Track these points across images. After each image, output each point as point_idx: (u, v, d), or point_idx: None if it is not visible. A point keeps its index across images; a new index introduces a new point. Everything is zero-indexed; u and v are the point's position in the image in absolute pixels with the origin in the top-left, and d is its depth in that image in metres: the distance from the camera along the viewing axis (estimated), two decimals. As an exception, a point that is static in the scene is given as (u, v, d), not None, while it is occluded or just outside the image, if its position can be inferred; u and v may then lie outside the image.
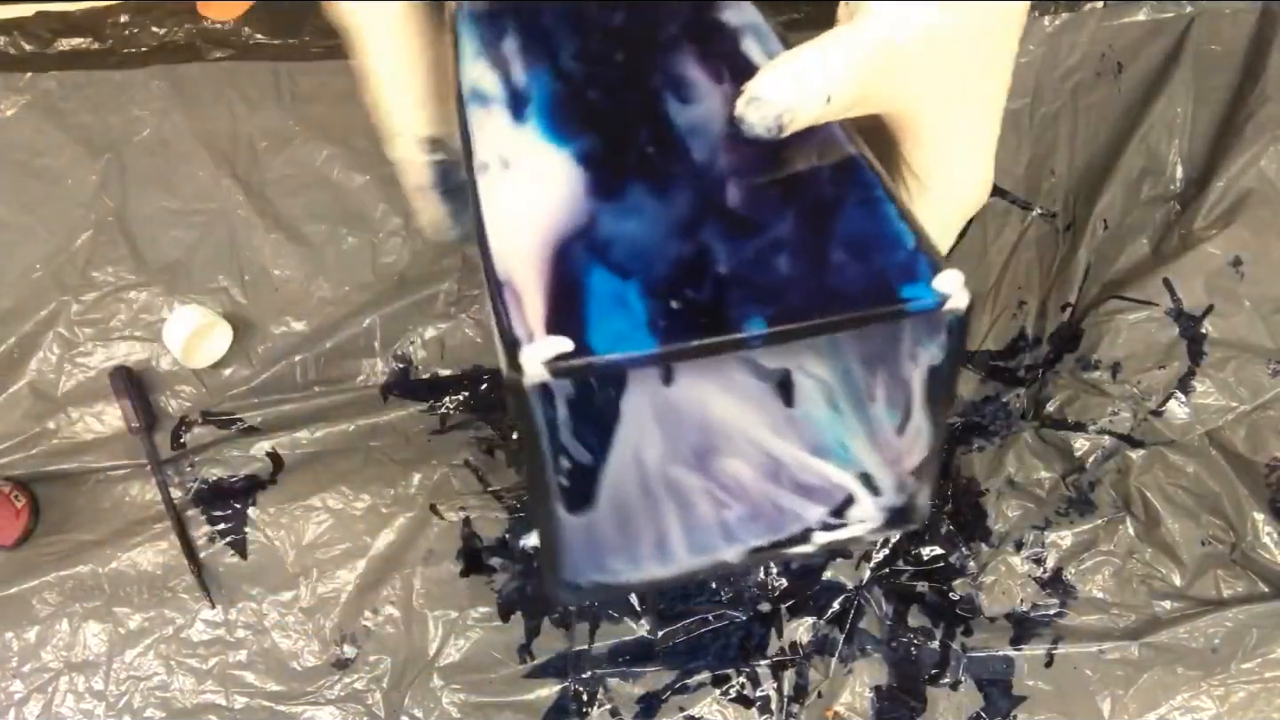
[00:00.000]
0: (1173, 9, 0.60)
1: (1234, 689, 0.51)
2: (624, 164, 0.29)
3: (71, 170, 0.66)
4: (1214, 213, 0.55)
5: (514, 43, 0.34)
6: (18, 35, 0.68)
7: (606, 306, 0.25)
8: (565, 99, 0.32)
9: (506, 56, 0.34)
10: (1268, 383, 0.53)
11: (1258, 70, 0.57)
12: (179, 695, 0.58)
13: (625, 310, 0.25)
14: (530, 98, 0.32)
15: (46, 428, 0.62)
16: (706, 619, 0.56)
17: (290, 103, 0.66)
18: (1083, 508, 0.56)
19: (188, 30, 0.67)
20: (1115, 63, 0.61)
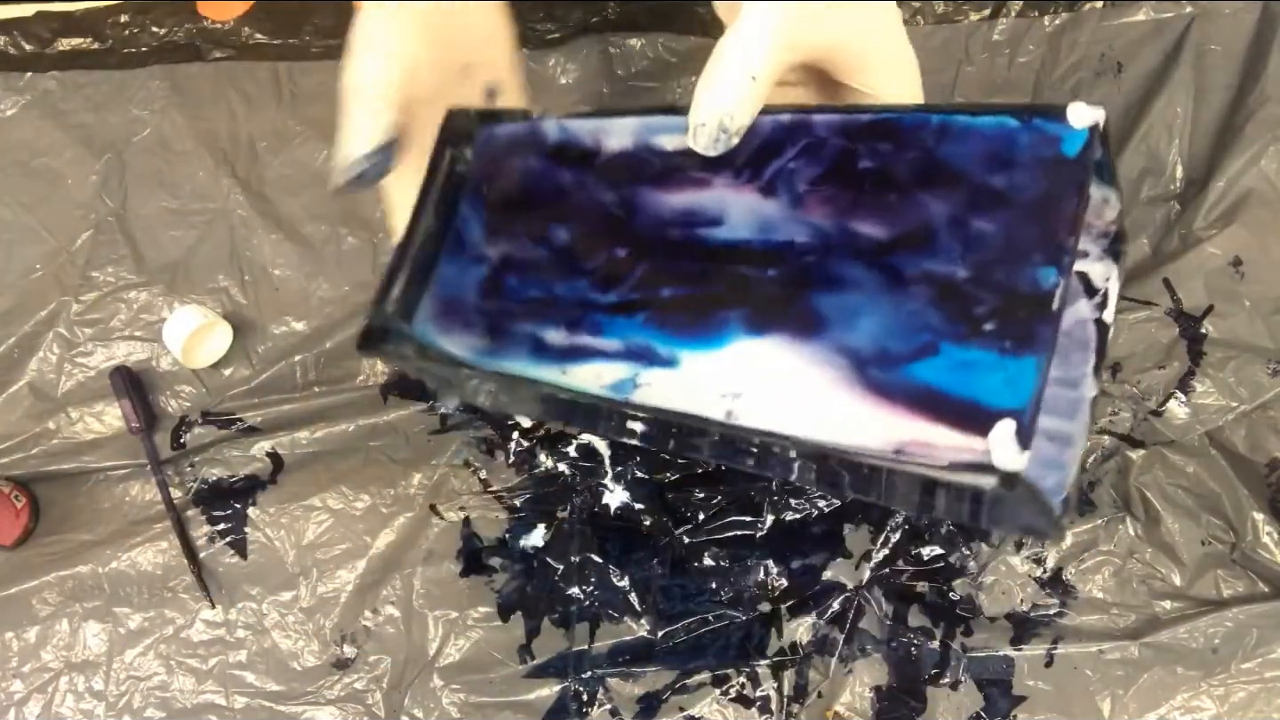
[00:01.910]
0: (1173, 9, 0.60)
1: (1234, 689, 0.51)
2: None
3: (71, 170, 0.66)
4: (1214, 213, 0.55)
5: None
6: (18, 35, 0.68)
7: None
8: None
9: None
10: (1268, 383, 0.53)
11: (1258, 70, 0.57)
12: (179, 695, 0.58)
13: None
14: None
15: (46, 428, 0.62)
16: (706, 619, 0.56)
17: (290, 103, 0.66)
18: (1083, 508, 0.56)
19: (188, 30, 0.67)
20: (1115, 63, 0.61)
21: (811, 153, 0.31)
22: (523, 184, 0.37)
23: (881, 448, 0.27)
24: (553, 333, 0.35)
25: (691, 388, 0.31)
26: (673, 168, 0.34)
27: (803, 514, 0.57)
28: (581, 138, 0.36)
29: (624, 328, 0.33)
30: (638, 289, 0.34)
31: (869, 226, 0.30)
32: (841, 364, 0.29)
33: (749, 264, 0.32)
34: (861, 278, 0.29)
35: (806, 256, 0.30)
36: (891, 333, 0.28)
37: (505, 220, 0.37)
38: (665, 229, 0.34)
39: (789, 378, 0.29)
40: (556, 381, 0.34)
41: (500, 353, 0.36)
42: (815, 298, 0.30)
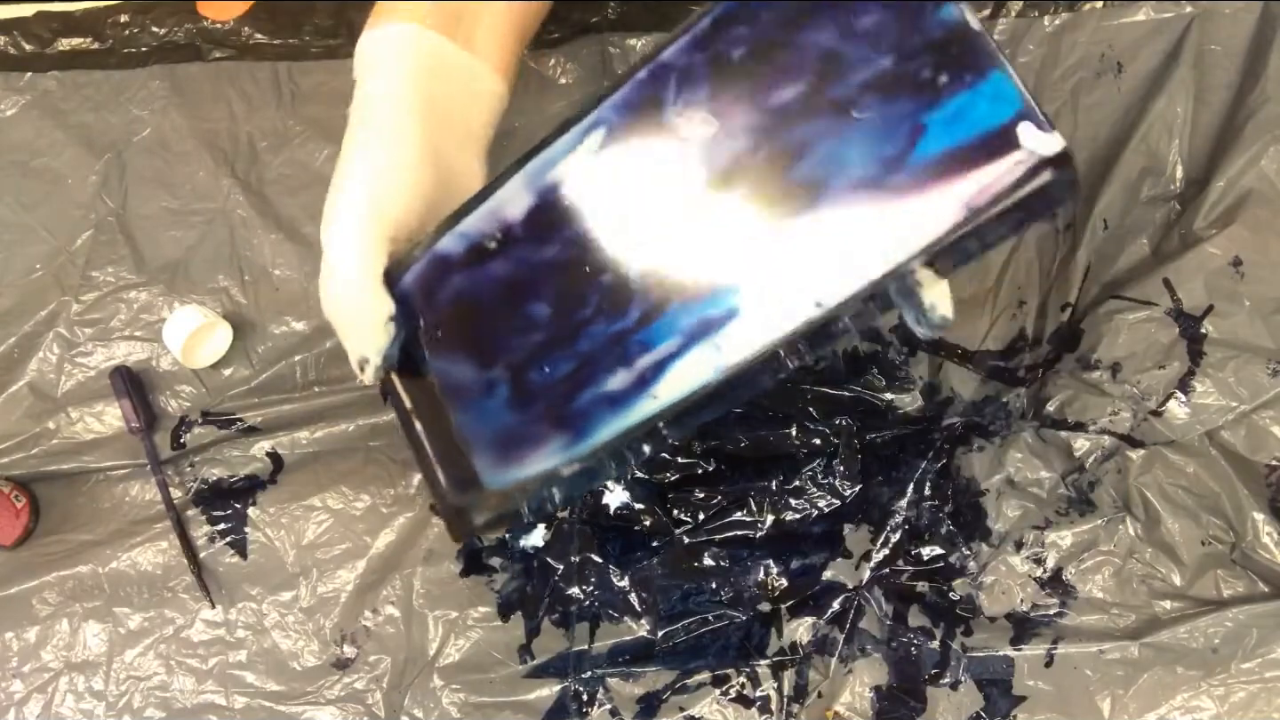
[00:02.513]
0: (1173, 9, 0.60)
1: (1234, 689, 0.51)
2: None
3: (71, 170, 0.66)
4: (1214, 213, 0.55)
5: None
6: (18, 35, 0.68)
7: None
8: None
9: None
10: (1268, 383, 0.53)
11: (1258, 70, 0.57)
12: (179, 695, 0.58)
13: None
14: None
15: (46, 428, 0.62)
16: (706, 619, 0.56)
17: (290, 103, 0.66)
18: (1083, 508, 0.56)
19: (188, 30, 0.67)
20: (1115, 63, 0.61)
21: (687, 80, 0.32)
22: (468, 303, 0.37)
23: (960, 218, 0.29)
24: (613, 380, 0.35)
25: (769, 315, 0.32)
26: (583, 185, 0.34)
27: (803, 514, 0.57)
28: (483, 230, 0.36)
29: (667, 327, 0.33)
30: (649, 291, 0.34)
31: (786, 91, 0.31)
32: (864, 196, 0.30)
33: (718, 190, 0.32)
34: (817, 129, 0.30)
35: (759, 150, 0.31)
36: (879, 144, 0.29)
37: (480, 341, 0.37)
38: (625, 231, 0.34)
39: (834, 238, 0.30)
40: (660, 409, 0.34)
41: (584, 432, 0.35)
42: (796, 171, 0.31)
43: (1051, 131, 0.29)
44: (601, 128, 0.34)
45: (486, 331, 0.36)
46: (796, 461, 0.57)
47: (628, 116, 0.33)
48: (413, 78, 0.40)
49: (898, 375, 0.59)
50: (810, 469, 0.57)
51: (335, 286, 0.39)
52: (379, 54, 0.40)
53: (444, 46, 0.41)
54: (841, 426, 0.57)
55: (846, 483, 0.57)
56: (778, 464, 0.57)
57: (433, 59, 0.41)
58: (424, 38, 0.40)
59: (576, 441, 0.35)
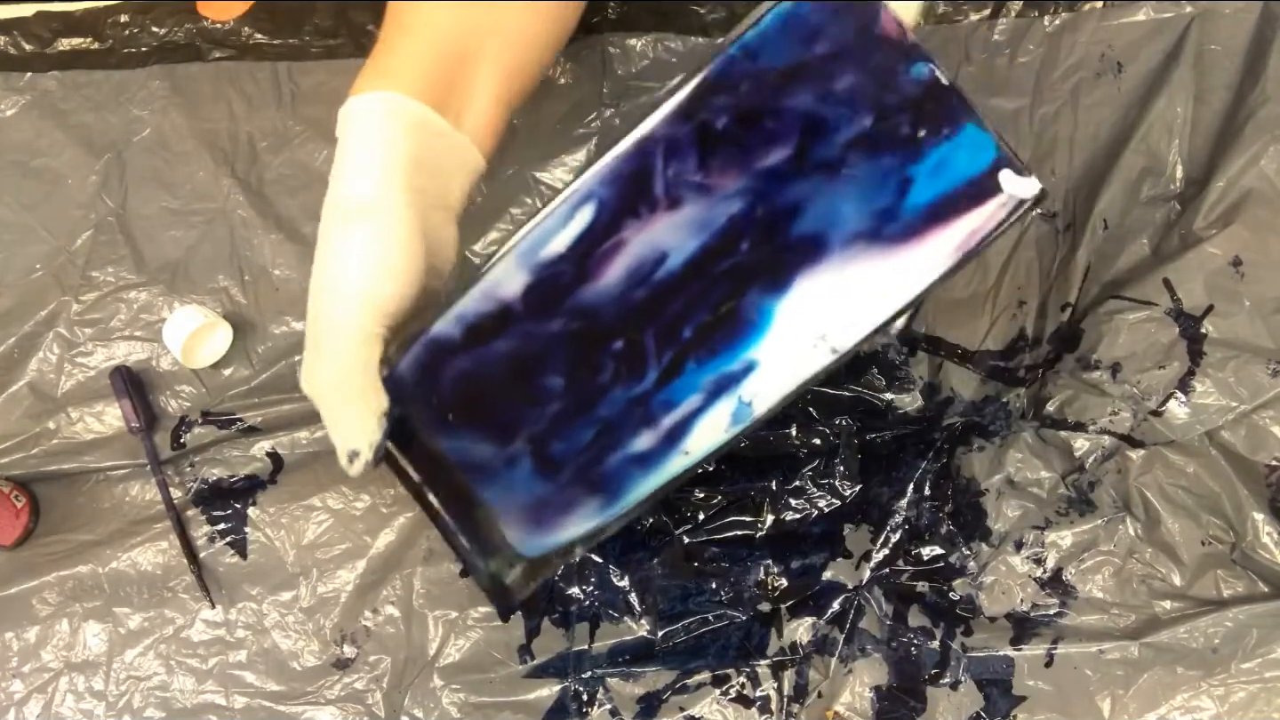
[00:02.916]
0: (1173, 9, 0.60)
1: (1234, 689, 0.51)
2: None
3: (71, 170, 0.66)
4: (1214, 213, 0.55)
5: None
6: (18, 35, 0.68)
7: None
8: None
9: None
10: (1268, 383, 0.53)
11: (1258, 70, 0.57)
12: (179, 695, 0.58)
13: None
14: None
15: (46, 428, 0.62)
16: (706, 619, 0.56)
17: (290, 103, 0.66)
18: (1083, 508, 0.56)
19: (188, 30, 0.67)
20: (1115, 63, 0.61)
21: (674, 151, 0.33)
22: (477, 383, 0.37)
23: (953, 261, 0.31)
24: (640, 441, 0.35)
25: (786, 365, 0.33)
26: (581, 258, 0.35)
27: (803, 514, 0.57)
28: (481, 310, 0.36)
29: (687, 385, 0.35)
30: (664, 350, 0.34)
31: (773, 155, 0.32)
32: (863, 247, 0.32)
33: (721, 257, 0.33)
34: (809, 189, 0.32)
35: (754, 213, 0.33)
36: (870, 198, 0.32)
37: (495, 417, 0.37)
38: (630, 299, 0.34)
39: (840, 288, 0.32)
40: (693, 462, 0.36)
41: (618, 493, 0.36)
42: (794, 230, 0.32)
43: (1029, 176, 0.31)
44: (591, 202, 0.34)
45: (501, 408, 0.37)
46: (796, 461, 0.57)
47: (617, 189, 0.34)
48: (404, 155, 0.38)
49: (898, 375, 0.59)
50: (810, 469, 0.57)
51: (328, 378, 0.37)
52: (367, 124, 0.38)
53: (434, 120, 0.39)
54: (841, 426, 0.57)
55: (846, 483, 0.57)
56: (778, 464, 0.57)
57: (422, 132, 0.39)
58: (415, 110, 0.38)
59: (611, 503, 0.36)
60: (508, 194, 0.63)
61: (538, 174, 0.63)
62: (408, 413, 0.37)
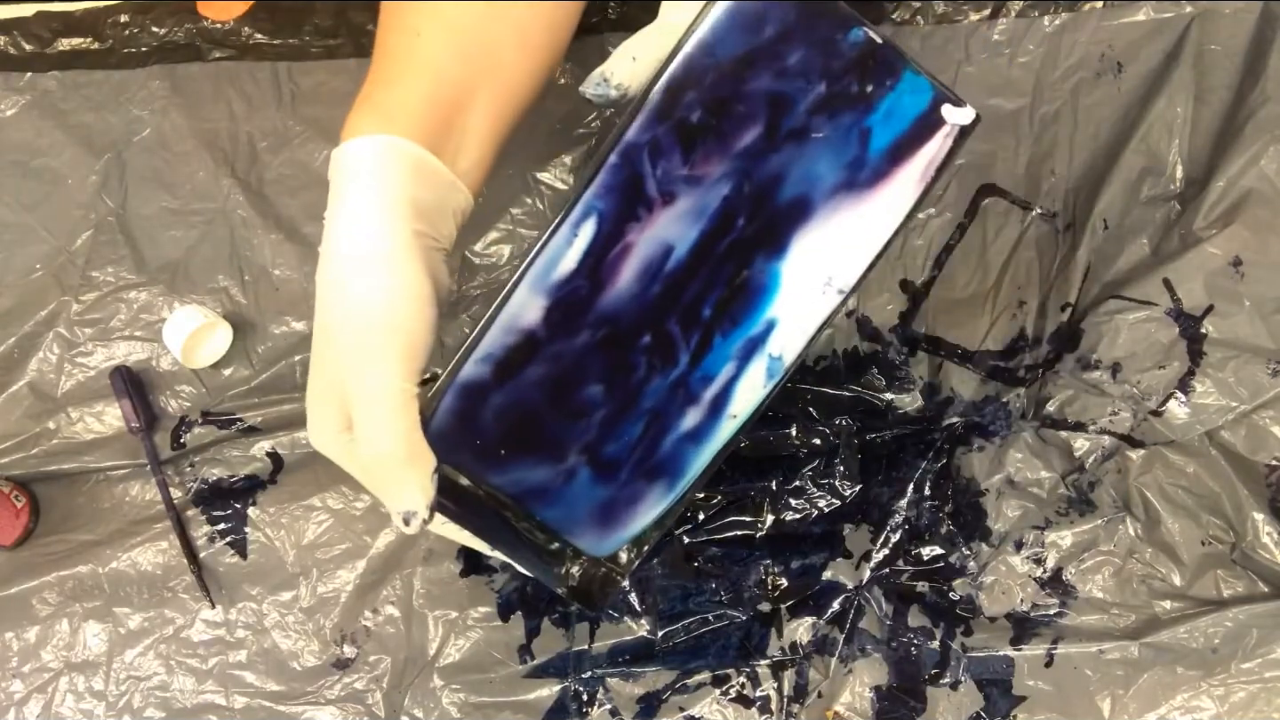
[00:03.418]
0: (1173, 9, 0.60)
1: (1234, 689, 0.51)
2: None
3: (71, 170, 0.66)
4: (1214, 213, 0.55)
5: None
6: (18, 35, 0.68)
7: None
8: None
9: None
10: (1268, 383, 0.53)
11: (1258, 70, 0.57)
12: (179, 695, 0.58)
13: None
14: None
15: (46, 428, 0.62)
16: (706, 619, 0.56)
17: (290, 103, 0.66)
18: (1083, 508, 0.56)
19: (188, 30, 0.67)
20: (1115, 63, 0.61)
21: (658, 151, 0.36)
22: (519, 414, 0.38)
23: (921, 189, 0.36)
24: (688, 419, 0.38)
25: (803, 315, 0.37)
26: (593, 270, 0.37)
27: (803, 514, 0.57)
28: (506, 344, 0.37)
29: (719, 358, 0.38)
30: (690, 333, 0.37)
31: (748, 135, 0.36)
32: (841, 198, 0.36)
33: (721, 237, 0.37)
34: (785, 158, 0.36)
35: (742, 190, 0.36)
36: (840, 154, 0.36)
37: (544, 441, 0.38)
38: (647, 295, 0.37)
39: (832, 238, 0.36)
40: (742, 423, 0.38)
41: (679, 472, 0.39)
42: (780, 197, 0.36)
43: (965, 105, 0.36)
44: (592, 216, 0.37)
45: (549, 430, 0.38)
46: (796, 461, 0.57)
47: (613, 199, 0.37)
48: (406, 200, 0.37)
49: (898, 375, 0.59)
50: (810, 469, 0.57)
51: (380, 447, 0.36)
52: (369, 169, 0.37)
53: (432, 164, 0.38)
54: (841, 426, 0.57)
55: (846, 483, 0.57)
56: (778, 464, 0.57)
57: (421, 176, 0.38)
58: (415, 154, 0.38)
59: (674, 483, 0.39)
60: (508, 194, 0.63)
61: (538, 174, 0.63)
62: (457, 462, 0.39)
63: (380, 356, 0.36)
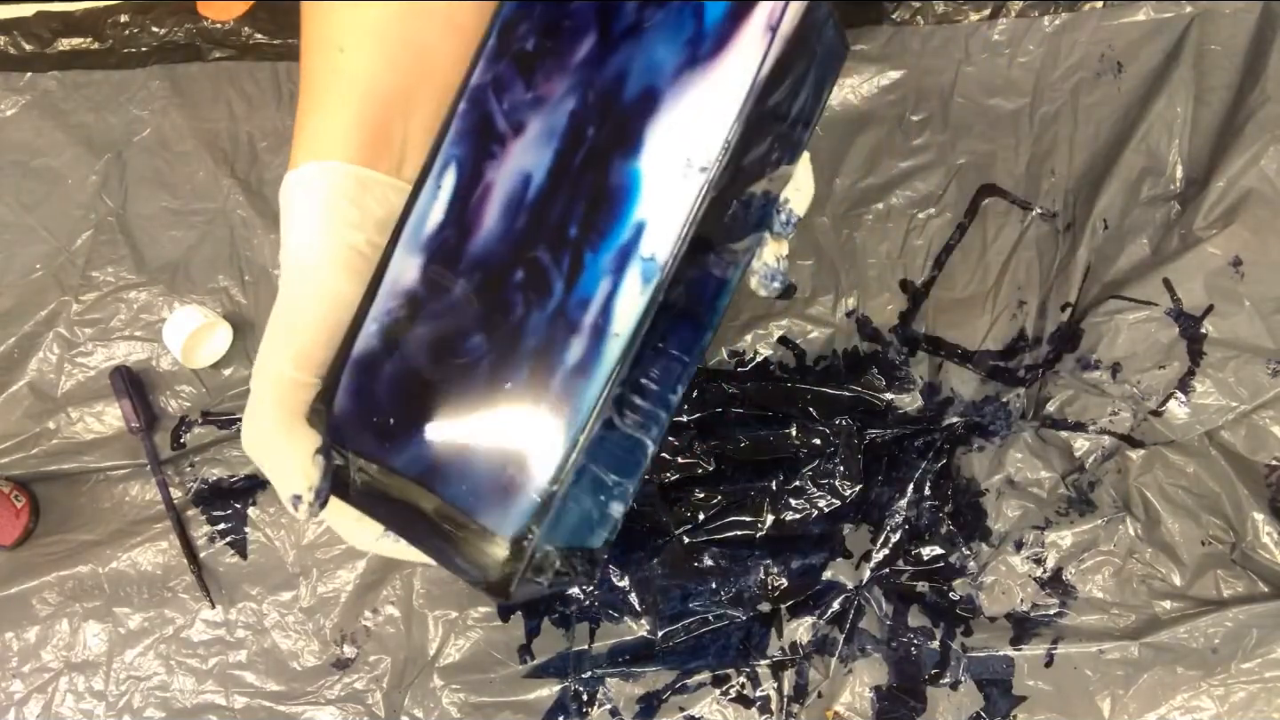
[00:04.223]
0: (1173, 9, 0.60)
1: (1234, 689, 0.51)
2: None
3: (71, 170, 0.66)
4: (1214, 213, 0.55)
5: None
6: (18, 35, 0.68)
7: None
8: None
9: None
10: (1268, 383, 0.53)
11: (1258, 70, 0.57)
12: (179, 695, 0.58)
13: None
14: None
15: (46, 428, 0.62)
16: (706, 619, 0.56)
17: (290, 103, 0.66)
18: (1083, 508, 0.56)
19: (188, 30, 0.67)
20: (1115, 63, 0.61)
21: (502, 87, 0.36)
22: (408, 379, 0.37)
23: (768, 39, 0.34)
24: (572, 350, 0.35)
25: (670, 206, 0.35)
26: (459, 216, 0.36)
27: (803, 514, 0.57)
28: (390, 308, 0.37)
29: (593, 275, 0.35)
30: (560, 257, 0.35)
31: (583, 47, 0.35)
32: (687, 76, 0.34)
33: (574, 151, 0.36)
34: (624, 57, 0.35)
35: (587, 99, 0.35)
36: (676, 35, 0.35)
37: (434, 403, 0.36)
38: (513, 229, 0.36)
39: (684, 120, 0.35)
40: (626, 341, 0.35)
41: (574, 409, 0.35)
42: (625, 95, 0.35)
43: None
44: (451, 165, 0.36)
45: (437, 391, 0.36)
46: (796, 461, 0.57)
47: (467, 143, 0.36)
48: (347, 219, 0.38)
49: (898, 375, 0.59)
50: (810, 469, 0.57)
51: (255, 427, 0.38)
52: (309, 197, 0.38)
53: (375, 178, 0.39)
54: (841, 426, 0.57)
55: (846, 483, 0.57)
56: (778, 464, 0.57)
57: (364, 192, 0.38)
58: (354, 174, 0.38)
59: (570, 423, 0.35)
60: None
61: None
62: (361, 448, 0.37)
63: (273, 351, 0.37)
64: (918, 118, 0.62)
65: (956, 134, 0.62)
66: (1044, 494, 0.56)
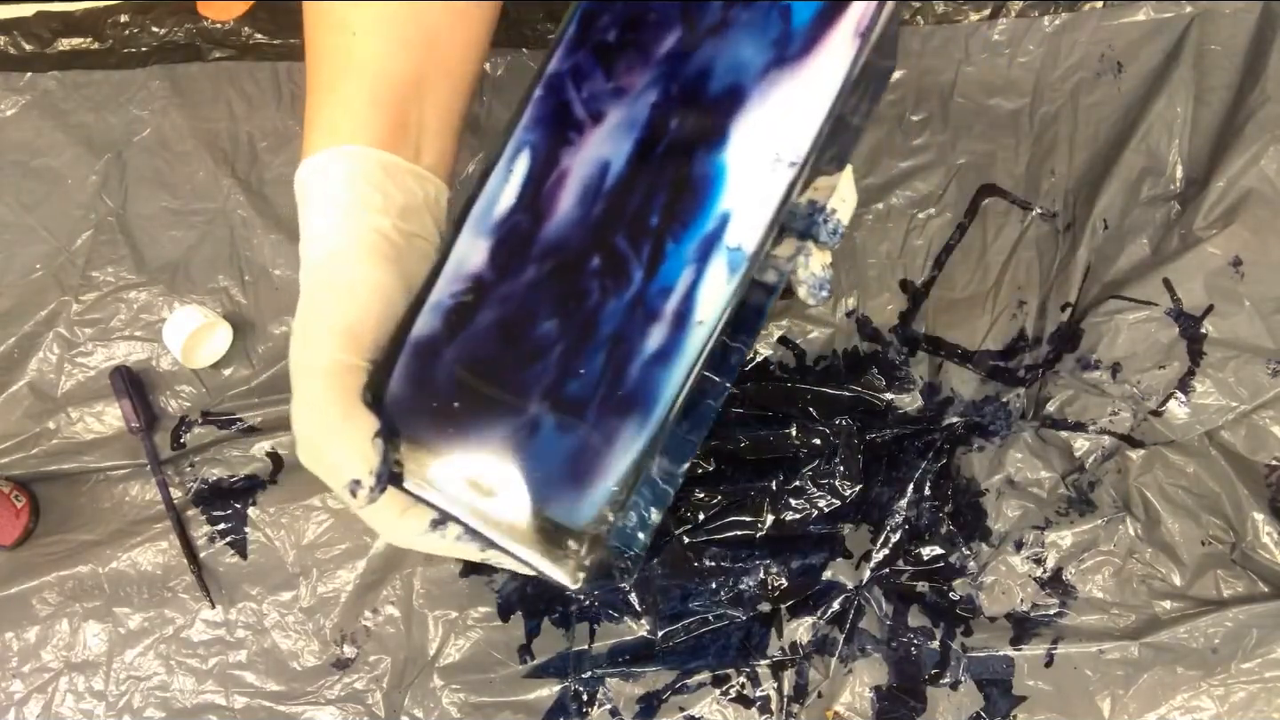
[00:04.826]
0: (1173, 9, 0.60)
1: (1234, 689, 0.51)
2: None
3: (71, 170, 0.66)
4: (1214, 213, 0.55)
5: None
6: (18, 35, 0.68)
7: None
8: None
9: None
10: (1268, 383, 0.53)
11: (1258, 70, 0.57)
12: (179, 695, 0.58)
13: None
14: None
15: (46, 428, 0.62)
16: (706, 619, 0.56)
17: (290, 103, 0.66)
18: (1083, 508, 0.56)
19: (188, 30, 0.67)
20: (1115, 63, 0.61)
21: (581, 75, 0.36)
22: (474, 365, 0.36)
23: (858, 44, 0.34)
24: (652, 339, 0.35)
25: (757, 198, 0.35)
26: (532, 202, 0.36)
27: (803, 514, 0.57)
28: (454, 291, 0.36)
29: (676, 264, 0.35)
30: (640, 245, 0.35)
31: (667, 40, 0.35)
32: (775, 73, 0.35)
33: (657, 142, 0.35)
34: (708, 52, 0.35)
35: (671, 92, 0.35)
36: (763, 34, 0.35)
37: (502, 390, 0.36)
38: (590, 216, 0.36)
39: (772, 116, 0.35)
40: (711, 329, 0.35)
41: (651, 400, 0.35)
42: (710, 90, 0.35)
43: None
44: (525, 150, 0.36)
45: (505, 378, 0.36)
46: (796, 461, 0.57)
47: (543, 128, 0.36)
48: (370, 203, 0.37)
49: (898, 375, 0.59)
50: (810, 469, 0.57)
51: (306, 415, 0.36)
52: (330, 183, 0.37)
53: (395, 163, 0.38)
54: (841, 426, 0.57)
55: (846, 483, 0.57)
56: (778, 464, 0.57)
57: (386, 177, 0.38)
58: (376, 158, 0.38)
59: (648, 414, 0.35)
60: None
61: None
62: (419, 434, 0.37)
63: (312, 336, 0.37)
64: (918, 118, 0.62)
65: (956, 134, 0.62)
66: (1044, 494, 0.56)
